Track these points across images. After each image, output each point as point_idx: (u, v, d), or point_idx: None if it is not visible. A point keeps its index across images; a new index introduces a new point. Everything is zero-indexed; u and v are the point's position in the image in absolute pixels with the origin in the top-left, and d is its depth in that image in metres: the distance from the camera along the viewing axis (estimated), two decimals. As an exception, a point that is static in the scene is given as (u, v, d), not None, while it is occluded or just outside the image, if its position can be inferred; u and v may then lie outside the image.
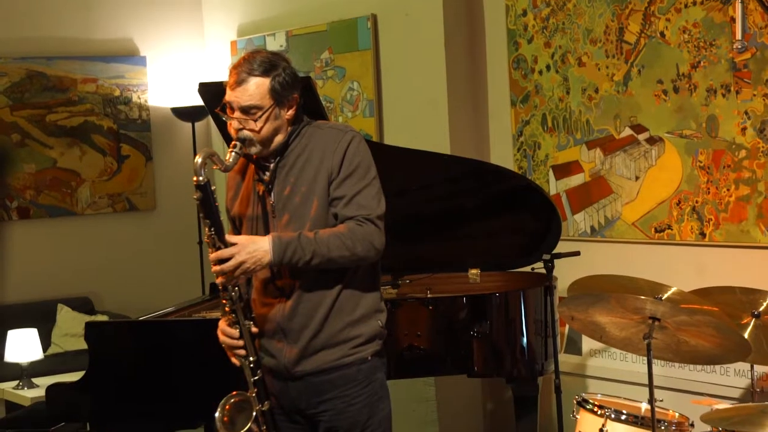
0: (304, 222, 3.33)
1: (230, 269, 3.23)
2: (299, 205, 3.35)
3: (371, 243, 3.31)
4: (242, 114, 3.30)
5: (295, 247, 3.23)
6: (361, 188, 3.34)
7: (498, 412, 6.27)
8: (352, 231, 3.28)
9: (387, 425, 3.49)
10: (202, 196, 3.23)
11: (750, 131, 4.92)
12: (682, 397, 4.97)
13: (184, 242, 7.64)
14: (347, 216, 3.31)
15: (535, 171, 5.93)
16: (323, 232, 3.27)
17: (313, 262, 3.25)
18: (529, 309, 4.89)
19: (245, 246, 3.24)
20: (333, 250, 3.25)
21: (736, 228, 5.01)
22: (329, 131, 3.41)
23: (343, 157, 3.33)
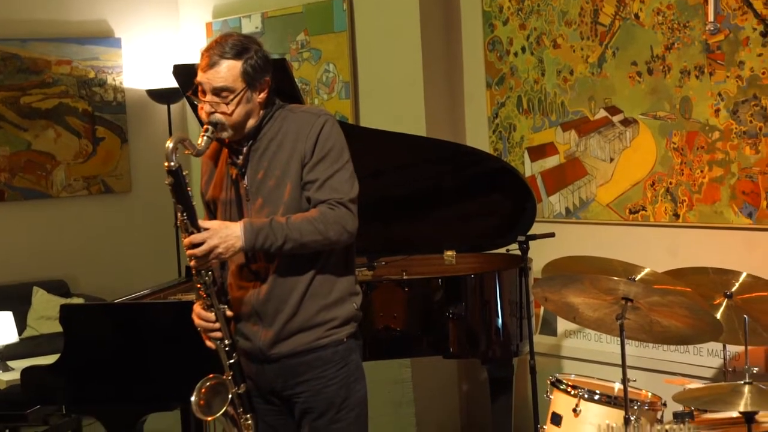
0: (278, 205, 3.33)
1: (203, 254, 3.23)
2: (273, 189, 3.35)
3: (343, 227, 3.31)
4: (214, 97, 3.30)
5: (266, 232, 3.24)
6: (334, 172, 3.34)
7: (473, 393, 6.30)
8: (325, 215, 3.29)
9: (363, 406, 3.51)
10: (174, 181, 3.23)
11: (723, 113, 4.95)
12: (655, 377, 5.00)
13: (160, 225, 7.62)
14: (320, 200, 3.32)
15: (511, 153, 5.95)
16: (295, 217, 3.28)
17: (286, 247, 3.25)
18: (504, 290, 4.91)
19: (218, 231, 3.24)
20: (305, 235, 3.26)
21: (709, 209, 5.04)
22: (302, 115, 3.41)
23: (316, 141, 3.33)
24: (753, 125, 4.84)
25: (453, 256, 5.29)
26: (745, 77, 4.86)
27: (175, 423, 4.88)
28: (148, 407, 4.44)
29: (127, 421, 4.28)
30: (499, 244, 5.34)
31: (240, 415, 3.42)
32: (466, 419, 6.35)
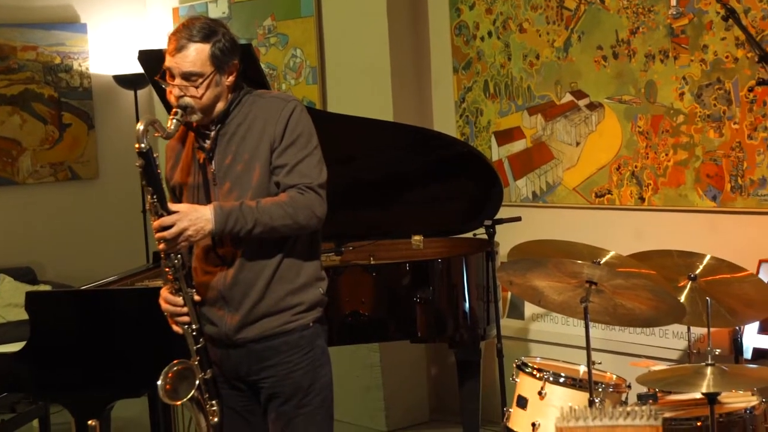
0: (246, 190, 3.33)
1: (172, 236, 3.23)
2: (241, 174, 3.35)
3: (313, 211, 3.32)
4: (183, 80, 3.29)
5: (237, 216, 3.24)
6: (303, 157, 3.35)
7: (442, 376, 6.32)
8: (294, 200, 3.29)
9: (328, 391, 3.51)
10: (145, 164, 3.22)
11: (688, 96, 4.98)
12: (621, 359, 5.04)
13: (128, 211, 7.60)
14: (289, 184, 3.32)
15: (478, 137, 5.97)
16: (265, 201, 3.28)
17: (255, 231, 3.26)
18: (471, 274, 4.92)
19: (187, 214, 3.24)
20: (275, 219, 3.26)
21: (674, 192, 5.08)
22: (271, 100, 3.41)
23: (285, 126, 3.34)
24: (717, 109, 4.88)
25: (420, 240, 5.30)
26: (708, 61, 4.89)
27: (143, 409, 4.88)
28: (115, 394, 4.43)
29: (94, 408, 4.26)
30: (466, 229, 5.36)
31: (206, 400, 3.42)
32: (435, 402, 6.38)
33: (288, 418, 3.42)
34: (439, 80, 6.19)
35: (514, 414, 4.13)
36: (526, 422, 4.03)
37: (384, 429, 6.18)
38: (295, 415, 3.42)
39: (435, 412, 6.35)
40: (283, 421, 3.43)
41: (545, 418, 3.91)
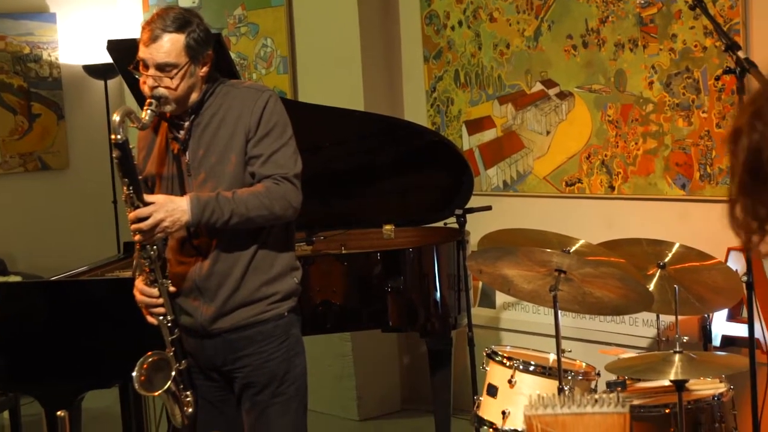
0: (221, 181, 3.33)
1: (148, 228, 3.23)
2: (215, 164, 3.35)
3: (289, 202, 3.33)
4: (157, 71, 3.29)
5: (213, 206, 3.24)
6: (278, 147, 3.35)
7: (413, 365, 6.34)
8: (270, 190, 3.30)
9: (303, 380, 3.53)
10: (121, 155, 3.22)
11: (657, 85, 5.01)
12: (591, 347, 5.07)
13: (99, 201, 7.56)
14: (264, 175, 3.33)
15: (449, 126, 5.98)
16: (241, 192, 3.28)
17: (232, 222, 3.26)
18: (441, 264, 4.94)
19: (164, 205, 3.24)
20: (251, 210, 3.27)
21: (644, 181, 5.11)
22: (246, 91, 3.41)
23: (260, 117, 3.34)
24: (686, 98, 4.91)
25: (391, 230, 5.31)
26: (677, 50, 4.92)
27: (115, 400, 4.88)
28: (86, 385, 4.42)
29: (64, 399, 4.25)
30: (437, 218, 5.37)
31: (181, 391, 3.42)
32: (407, 392, 6.40)
33: (262, 407, 3.44)
34: (410, 70, 6.19)
35: (484, 402, 4.15)
36: (496, 410, 4.05)
37: (356, 418, 6.20)
38: (270, 404, 3.44)
39: (407, 401, 6.37)
40: (257, 410, 3.44)
41: (515, 406, 3.93)
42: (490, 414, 4.10)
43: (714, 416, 3.93)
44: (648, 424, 3.90)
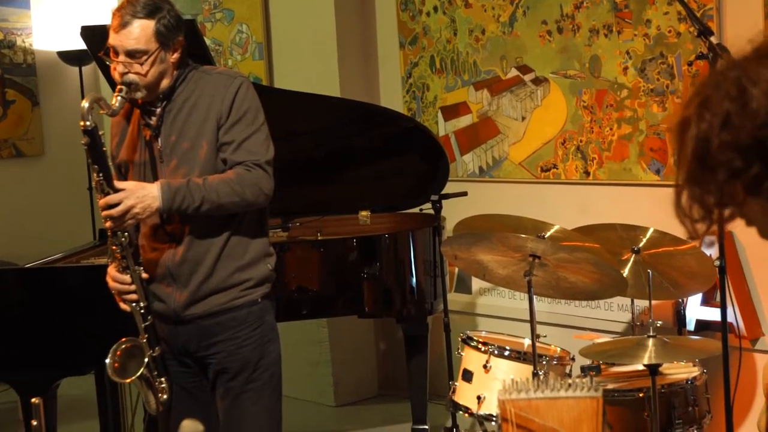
0: (193, 167, 3.33)
1: (119, 214, 3.23)
2: (187, 151, 3.34)
3: (260, 188, 3.33)
4: (127, 57, 3.28)
5: (184, 193, 3.24)
6: (250, 134, 3.35)
7: (390, 351, 6.35)
8: (241, 176, 3.30)
9: (277, 366, 3.53)
10: (90, 142, 3.21)
11: (631, 71, 5.02)
12: (566, 332, 5.09)
13: (74, 188, 7.53)
14: (236, 161, 3.32)
15: (424, 112, 5.98)
16: (212, 178, 3.28)
17: (203, 209, 3.26)
18: (417, 249, 4.95)
19: (134, 191, 3.23)
20: (222, 196, 3.26)
21: (618, 166, 5.12)
22: (218, 76, 3.41)
23: (232, 103, 3.34)
24: (660, 83, 4.92)
25: (367, 216, 5.32)
26: (652, 35, 4.93)
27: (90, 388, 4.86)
28: (61, 372, 4.41)
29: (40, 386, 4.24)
30: (413, 204, 5.38)
31: (155, 378, 3.42)
32: (383, 377, 6.41)
33: (236, 394, 3.44)
34: (386, 56, 6.19)
35: (459, 387, 4.17)
36: (471, 395, 4.07)
37: (332, 404, 6.21)
38: (244, 391, 3.44)
39: (383, 387, 6.38)
40: (231, 397, 3.44)
41: (490, 391, 3.95)
42: (466, 399, 4.12)
43: (687, 400, 3.97)
44: (622, 408, 3.93)
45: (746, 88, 1.55)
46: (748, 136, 1.53)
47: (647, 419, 3.85)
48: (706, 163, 1.56)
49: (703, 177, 1.58)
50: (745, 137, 1.53)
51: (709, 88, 1.58)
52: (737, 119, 1.54)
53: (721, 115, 1.56)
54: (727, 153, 1.54)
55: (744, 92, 1.55)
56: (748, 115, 1.54)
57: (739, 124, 1.54)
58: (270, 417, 3.50)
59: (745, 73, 1.57)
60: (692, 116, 1.58)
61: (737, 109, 1.55)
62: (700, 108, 1.57)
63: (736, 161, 1.54)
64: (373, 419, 5.89)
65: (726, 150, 1.55)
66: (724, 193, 1.57)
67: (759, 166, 1.54)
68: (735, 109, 1.55)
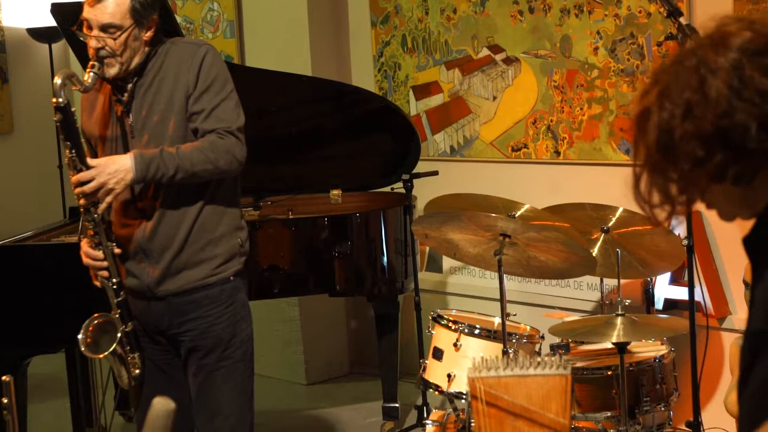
0: (164, 141, 3.32)
1: (91, 191, 3.22)
2: (158, 125, 3.34)
3: (233, 155, 3.33)
4: (100, 32, 3.26)
5: (157, 163, 3.23)
6: (220, 101, 3.35)
7: (361, 330, 6.37)
8: (214, 144, 3.30)
9: (249, 345, 3.54)
10: (63, 118, 3.20)
11: (602, 51, 5.04)
12: (536, 311, 5.12)
13: (44, 166, 7.50)
14: (207, 129, 3.32)
15: (396, 92, 5.99)
16: (185, 147, 3.28)
17: (177, 177, 3.25)
18: (389, 228, 4.97)
19: (106, 167, 3.23)
20: (196, 164, 3.26)
21: (589, 146, 5.15)
22: (183, 46, 3.40)
23: (198, 72, 3.33)
24: (630, 63, 4.95)
25: (339, 195, 5.33)
26: (622, 16, 4.95)
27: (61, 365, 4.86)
28: (32, 350, 4.41)
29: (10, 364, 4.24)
30: (384, 183, 5.39)
31: (127, 353, 3.43)
32: (354, 356, 6.43)
33: (208, 371, 3.44)
34: (357, 34, 6.18)
35: (430, 366, 4.19)
36: (441, 373, 4.09)
37: (304, 382, 6.23)
38: (216, 368, 3.45)
39: (354, 365, 6.40)
40: (203, 374, 3.45)
41: (460, 369, 3.97)
42: (436, 377, 4.14)
43: (655, 378, 4.00)
44: (590, 386, 3.96)
45: (705, 77, 1.57)
46: (709, 125, 1.56)
47: (615, 397, 3.89)
48: (669, 153, 1.59)
49: (666, 166, 1.60)
50: (707, 127, 1.56)
51: (667, 77, 1.61)
52: (698, 109, 1.57)
53: (683, 106, 1.58)
54: (690, 143, 1.57)
55: (703, 82, 1.57)
56: (708, 105, 1.56)
57: (700, 114, 1.57)
58: (242, 395, 3.51)
59: (703, 62, 1.59)
60: (653, 105, 1.60)
61: (698, 99, 1.57)
62: (661, 97, 1.60)
63: (699, 151, 1.57)
64: (344, 397, 5.91)
65: (689, 140, 1.57)
66: (688, 182, 1.59)
67: (722, 154, 1.56)
68: (696, 99, 1.57)
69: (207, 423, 3.47)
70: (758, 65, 1.57)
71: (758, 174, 1.59)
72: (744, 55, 1.58)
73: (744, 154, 1.56)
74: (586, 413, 3.96)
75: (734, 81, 1.56)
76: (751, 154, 1.56)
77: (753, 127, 1.55)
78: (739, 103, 1.55)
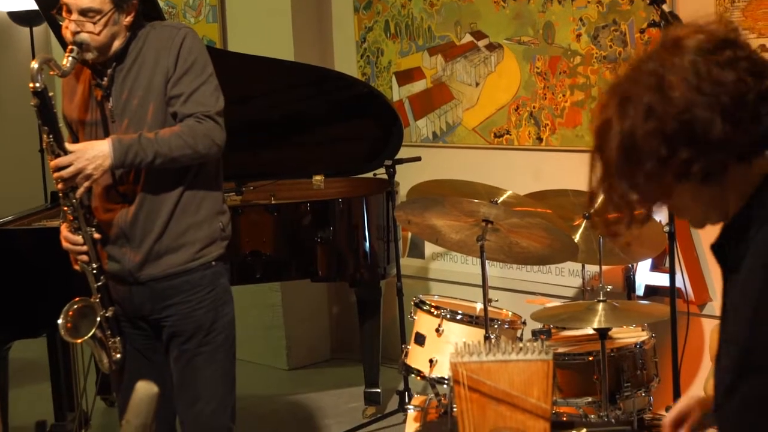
0: (143, 126, 3.31)
1: (69, 176, 3.21)
2: (138, 109, 3.33)
3: (212, 140, 3.31)
4: (80, 16, 3.25)
5: (136, 149, 3.22)
6: (199, 85, 3.33)
7: (343, 315, 6.38)
8: (193, 129, 3.28)
9: (231, 329, 3.54)
10: (40, 103, 3.19)
11: (584, 38, 5.05)
12: (518, 297, 5.13)
13: (25, 150, 7.47)
14: (186, 114, 3.31)
15: (379, 77, 5.98)
16: (164, 132, 3.27)
17: (156, 163, 3.24)
18: (371, 214, 4.97)
19: (84, 152, 3.22)
20: (174, 150, 3.25)
21: (571, 133, 5.16)
22: (162, 30, 3.38)
23: (177, 55, 3.32)
24: (612, 50, 4.95)
25: (321, 180, 5.33)
26: (605, 3, 4.95)
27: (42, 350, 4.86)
28: (13, 334, 4.40)
29: (-9, 349, 4.24)
30: (366, 169, 5.40)
31: (108, 338, 3.42)
32: (336, 341, 6.44)
33: (190, 356, 3.44)
34: (340, 20, 6.17)
35: (412, 351, 4.20)
36: (423, 359, 4.10)
37: (285, 367, 6.23)
38: (197, 353, 3.44)
39: (336, 351, 6.41)
40: (185, 359, 3.45)
41: (442, 354, 3.98)
42: (418, 362, 4.14)
43: (636, 363, 4.02)
44: (572, 372, 3.98)
45: (664, 76, 1.58)
46: (672, 122, 1.56)
47: (596, 382, 3.91)
48: (631, 156, 1.60)
49: (629, 171, 1.61)
50: (669, 124, 1.56)
51: (626, 85, 1.61)
52: (659, 107, 1.58)
53: (643, 107, 1.59)
54: (652, 142, 1.58)
55: (662, 81, 1.58)
56: (669, 102, 1.57)
57: (661, 111, 1.57)
58: (223, 379, 3.51)
59: (660, 65, 1.60)
60: (613, 115, 1.61)
61: (658, 98, 1.58)
62: (621, 106, 1.60)
63: (662, 149, 1.57)
64: (325, 382, 5.92)
65: (652, 139, 1.58)
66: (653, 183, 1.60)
67: (686, 150, 1.57)
68: (656, 99, 1.58)
69: (188, 408, 3.47)
70: (714, 61, 1.58)
71: (727, 171, 1.59)
72: (699, 54, 1.59)
73: (708, 149, 1.57)
74: (568, 399, 3.98)
75: (692, 77, 1.57)
76: (715, 148, 1.57)
77: (717, 120, 1.55)
78: (699, 97, 1.56)
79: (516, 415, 2.24)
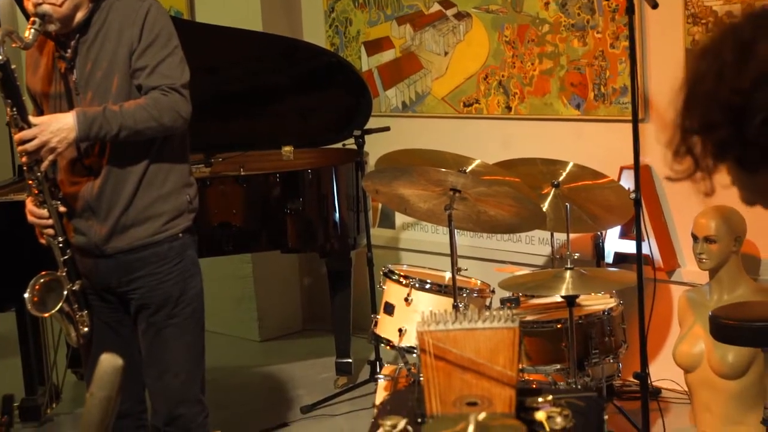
0: (107, 98, 3.29)
1: (34, 149, 3.19)
2: (102, 81, 3.30)
3: (177, 112, 3.29)
4: (42, -13, 3.22)
5: (101, 122, 3.20)
6: (164, 57, 3.31)
7: (314, 286, 6.38)
8: (158, 101, 3.26)
9: (199, 301, 3.53)
10: (3, 76, 3.16)
11: (552, 6, 5.04)
12: (487, 265, 5.15)
13: (-8, 124, 7.42)
14: (151, 86, 3.28)
15: (347, 47, 5.96)
16: (128, 105, 3.25)
17: (121, 135, 3.22)
18: (340, 185, 4.97)
19: (48, 125, 3.20)
20: (139, 122, 3.23)
21: (540, 101, 5.16)
22: (127, 1, 3.35)
23: (142, 27, 3.29)
24: (581, 18, 4.95)
25: (291, 151, 5.32)
26: (573, -29, 4.95)
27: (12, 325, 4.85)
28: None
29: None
30: (336, 139, 5.39)
31: (75, 311, 3.41)
32: (308, 312, 6.44)
33: (158, 329, 3.43)
34: (309, -11, 6.15)
35: (381, 321, 4.20)
36: (393, 328, 4.11)
37: (257, 339, 6.24)
38: (166, 326, 3.43)
39: (308, 321, 6.42)
40: (153, 332, 3.44)
41: (411, 323, 3.99)
42: (387, 332, 4.16)
43: (604, 330, 4.04)
44: (540, 339, 4.00)
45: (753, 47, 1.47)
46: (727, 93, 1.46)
47: (565, 350, 3.93)
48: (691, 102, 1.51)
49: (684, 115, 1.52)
50: (724, 93, 1.46)
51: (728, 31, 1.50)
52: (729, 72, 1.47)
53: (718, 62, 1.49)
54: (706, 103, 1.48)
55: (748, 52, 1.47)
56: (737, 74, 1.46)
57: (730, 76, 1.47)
58: (192, 351, 3.50)
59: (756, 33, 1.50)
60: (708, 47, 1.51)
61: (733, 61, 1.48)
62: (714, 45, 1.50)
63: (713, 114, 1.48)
64: (297, 353, 5.92)
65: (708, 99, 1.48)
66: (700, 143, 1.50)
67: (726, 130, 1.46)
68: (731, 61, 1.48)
69: (157, 380, 3.47)
70: None
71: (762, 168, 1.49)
72: None
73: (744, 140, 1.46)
74: (536, 366, 4.00)
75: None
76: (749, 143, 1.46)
77: (758, 117, 1.45)
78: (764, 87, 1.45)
79: (482, 383, 2.24)
